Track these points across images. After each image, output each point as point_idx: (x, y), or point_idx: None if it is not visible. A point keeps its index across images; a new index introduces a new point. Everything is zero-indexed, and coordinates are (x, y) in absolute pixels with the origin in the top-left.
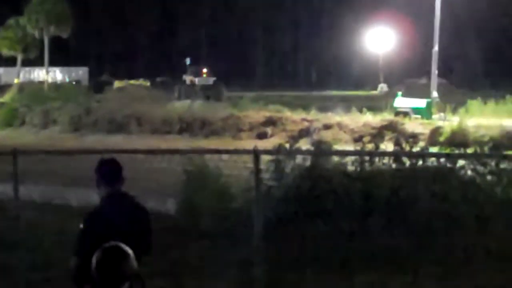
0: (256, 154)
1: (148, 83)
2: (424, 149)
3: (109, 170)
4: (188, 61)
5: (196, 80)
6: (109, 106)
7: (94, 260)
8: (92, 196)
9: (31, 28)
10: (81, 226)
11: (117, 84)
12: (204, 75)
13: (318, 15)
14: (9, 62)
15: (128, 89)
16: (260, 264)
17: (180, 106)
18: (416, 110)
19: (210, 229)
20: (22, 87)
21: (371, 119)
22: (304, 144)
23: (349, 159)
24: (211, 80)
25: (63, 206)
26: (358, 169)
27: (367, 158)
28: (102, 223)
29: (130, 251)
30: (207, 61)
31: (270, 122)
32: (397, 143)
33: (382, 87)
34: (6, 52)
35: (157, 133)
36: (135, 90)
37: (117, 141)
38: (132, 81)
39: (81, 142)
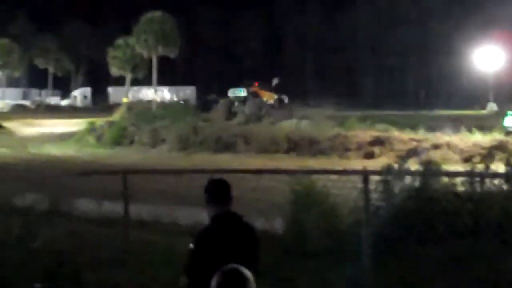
0: (365, 175)
1: None
2: None
3: (218, 190)
4: (275, 80)
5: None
6: (217, 125)
7: (213, 283)
8: (201, 215)
9: (139, 48)
10: (191, 245)
11: None
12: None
13: (427, 34)
14: (118, 81)
15: None
16: (368, 285)
17: (287, 125)
18: None
19: (318, 248)
20: (130, 106)
21: (481, 139)
22: (413, 164)
23: (459, 180)
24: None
25: (172, 225)
26: (469, 190)
27: (477, 179)
28: (212, 243)
29: (249, 274)
30: (313, 80)
31: (378, 141)
32: (508, 164)
33: (492, 106)
34: (115, 71)
35: (264, 152)
36: None
37: (224, 160)
38: None
39: (188, 161)
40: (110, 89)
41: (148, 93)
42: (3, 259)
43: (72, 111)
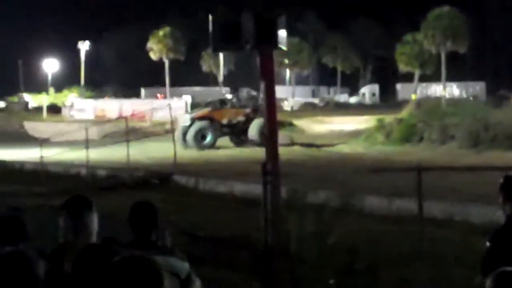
0: None
1: None
2: None
3: None
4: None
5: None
6: (508, 121)
7: (489, 283)
8: (495, 214)
9: (428, 44)
10: (487, 244)
11: None
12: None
13: None
14: (406, 78)
15: None
16: None
17: None
18: None
19: None
20: (419, 103)
21: None
22: None
23: None
24: None
25: (465, 223)
26: None
27: None
28: (509, 241)
29: None
30: None
31: None
32: None
33: None
34: (403, 68)
35: None
36: None
37: None
38: None
39: (479, 158)
40: (398, 86)
41: (436, 90)
42: (298, 254)
43: (360, 108)
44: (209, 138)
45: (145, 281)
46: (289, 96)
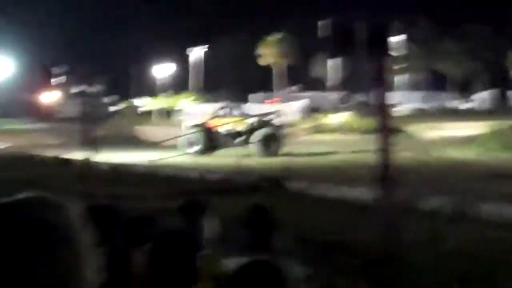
0: None
1: None
2: None
3: None
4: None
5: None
6: None
7: None
8: None
9: None
10: None
11: None
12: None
13: None
14: None
15: None
16: None
17: None
18: None
19: None
20: None
21: None
22: None
23: None
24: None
25: None
26: None
27: None
28: None
29: None
30: None
31: None
32: None
33: None
34: None
35: None
36: None
37: None
38: None
39: None
40: (510, 93)
41: None
42: (412, 260)
43: (472, 115)
44: (198, 147)
45: (271, 284)
46: (400, 101)
